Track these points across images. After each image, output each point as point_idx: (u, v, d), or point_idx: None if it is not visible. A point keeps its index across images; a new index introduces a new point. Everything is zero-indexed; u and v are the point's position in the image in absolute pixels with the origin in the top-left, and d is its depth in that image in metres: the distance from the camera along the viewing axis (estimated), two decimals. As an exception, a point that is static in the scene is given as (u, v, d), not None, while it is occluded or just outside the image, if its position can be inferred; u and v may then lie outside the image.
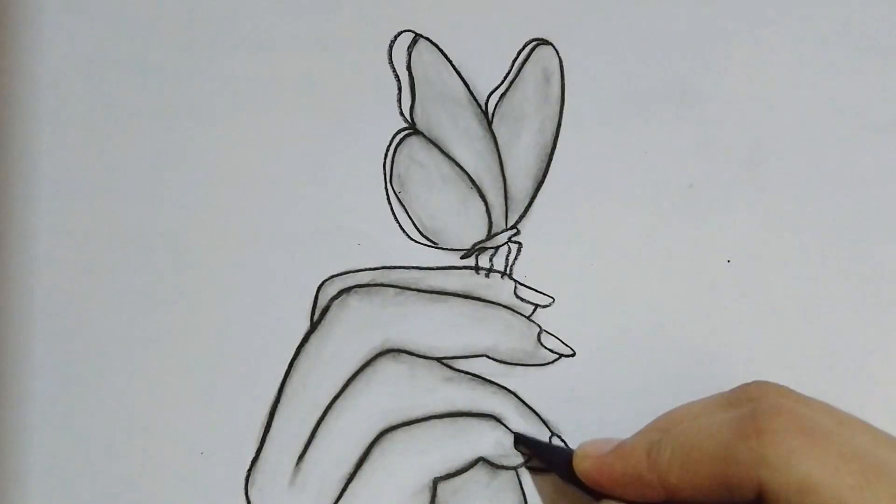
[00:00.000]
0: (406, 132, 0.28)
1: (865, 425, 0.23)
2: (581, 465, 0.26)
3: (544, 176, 0.29)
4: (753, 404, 0.23)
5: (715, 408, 0.24)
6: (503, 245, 0.29)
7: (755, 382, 0.24)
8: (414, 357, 0.28)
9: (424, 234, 0.28)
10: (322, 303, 0.28)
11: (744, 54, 0.29)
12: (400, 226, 0.28)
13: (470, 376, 0.28)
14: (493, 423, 0.28)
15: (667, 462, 0.23)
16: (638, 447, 0.24)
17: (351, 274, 0.28)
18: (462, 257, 0.28)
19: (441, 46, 0.28)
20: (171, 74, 0.28)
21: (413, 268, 0.28)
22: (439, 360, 0.28)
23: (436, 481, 0.28)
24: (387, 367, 0.28)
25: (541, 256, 0.29)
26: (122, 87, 0.28)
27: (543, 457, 0.28)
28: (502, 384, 0.28)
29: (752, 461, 0.22)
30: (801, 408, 0.22)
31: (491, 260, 0.29)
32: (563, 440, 0.28)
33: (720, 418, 0.23)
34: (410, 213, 0.28)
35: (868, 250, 0.23)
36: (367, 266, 0.28)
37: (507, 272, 0.29)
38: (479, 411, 0.28)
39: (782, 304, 0.29)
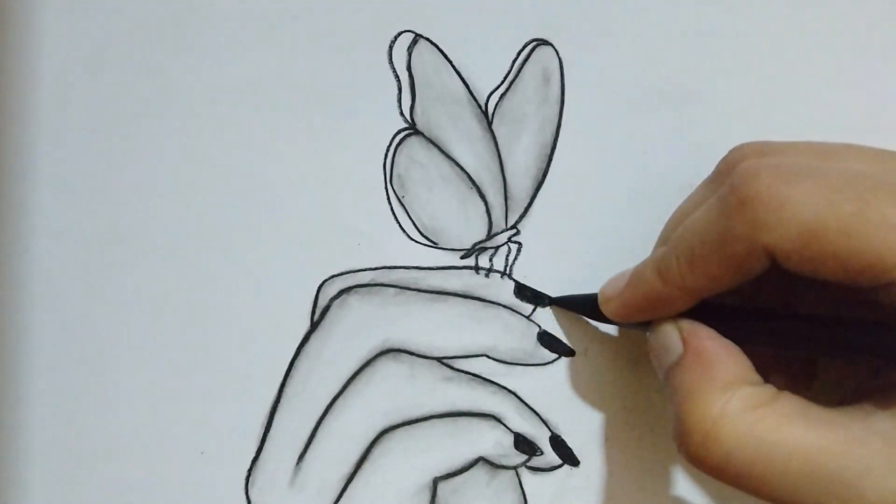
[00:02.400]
0: (406, 132, 0.28)
1: (853, 148, 0.22)
2: (607, 310, 0.25)
3: (544, 176, 0.29)
4: (731, 176, 0.22)
5: (703, 194, 0.23)
6: (503, 245, 0.29)
7: (733, 148, 0.23)
8: (414, 357, 0.28)
9: (424, 234, 0.28)
10: (322, 303, 0.28)
11: (744, 54, 0.29)
12: (400, 226, 0.28)
13: (470, 376, 0.28)
14: (493, 423, 0.28)
15: (676, 271, 0.23)
16: (647, 270, 0.24)
17: (351, 274, 0.28)
18: (462, 257, 0.28)
19: (441, 46, 0.28)
20: (171, 74, 0.28)
21: (413, 268, 0.28)
22: (439, 359, 0.28)
23: (436, 481, 0.28)
24: (387, 366, 0.28)
25: (541, 256, 0.29)
26: (122, 87, 0.28)
27: (571, 308, 0.28)
28: (502, 384, 0.28)
29: (749, 231, 0.21)
30: (779, 158, 0.22)
31: (491, 260, 0.29)
32: (563, 440, 0.28)
33: (708, 204, 0.23)
34: (410, 213, 0.28)
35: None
36: (368, 266, 0.28)
37: (507, 272, 0.29)
38: (479, 411, 0.28)
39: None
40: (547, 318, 0.28)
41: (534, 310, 0.28)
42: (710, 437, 0.21)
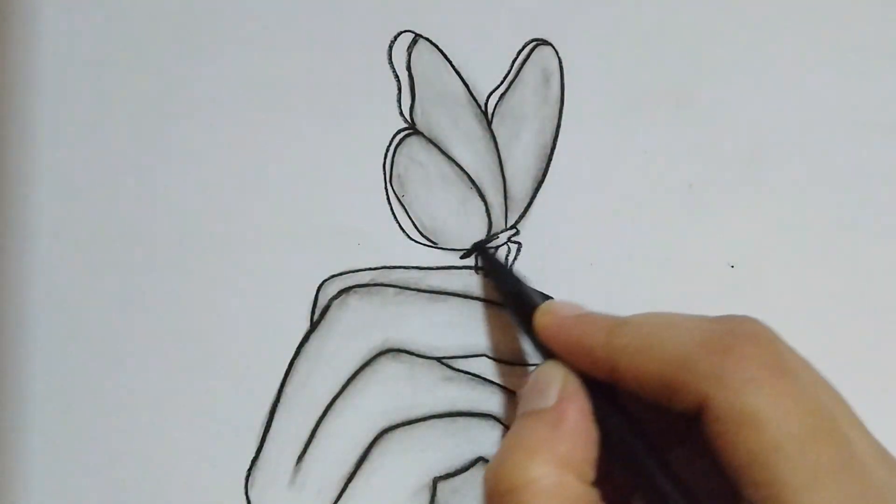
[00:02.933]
0: (406, 132, 0.28)
1: (837, 394, 0.22)
2: (542, 319, 0.25)
3: (544, 176, 0.29)
4: (733, 325, 0.22)
5: (696, 322, 0.23)
6: (503, 245, 0.29)
7: (746, 316, 0.23)
8: (414, 357, 0.28)
9: (424, 234, 0.28)
10: (322, 302, 0.28)
11: (744, 54, 0.29)
12: (400, 226, 0.28)
13: (470, 376, 0.28)
14: (493, 423, 0.28)
15: (622, 346, 0.22)
16: (602, 322, 0.23)
17: (351, 274, 0.28)
18: (462, 257, 0.28)
19: (441, 46, 0.28)
20: (170, 74, 0.28)
21: (413, 268, 0.28)
22: (439, 359, 0.28)
23: (436, 481, 0.28)
24: (387, 366, 0.28)
25: (541, 256, 0.29)
26: (122, 87, 0.28)
27: (506, 293, 0.27)
28: (502, 384, 0.28)
29: (708, 375, 0.20)
30: (778, 345, 0.21)
31: (491, 260, 0.29)
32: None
33: (694, 329, 0.22)
34: (410, 213, 0.28)
35: (869, 250, 0.23)
36: (367, 266, 0.28)
37: (507, 272, 0.29)
38: (479, 411, 0.28)
39: (782, 304, 0.29)
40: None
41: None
42: (514, 491, 0.21)
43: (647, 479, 0.22)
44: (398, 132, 0.28)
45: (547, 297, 0.28)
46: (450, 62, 0.28)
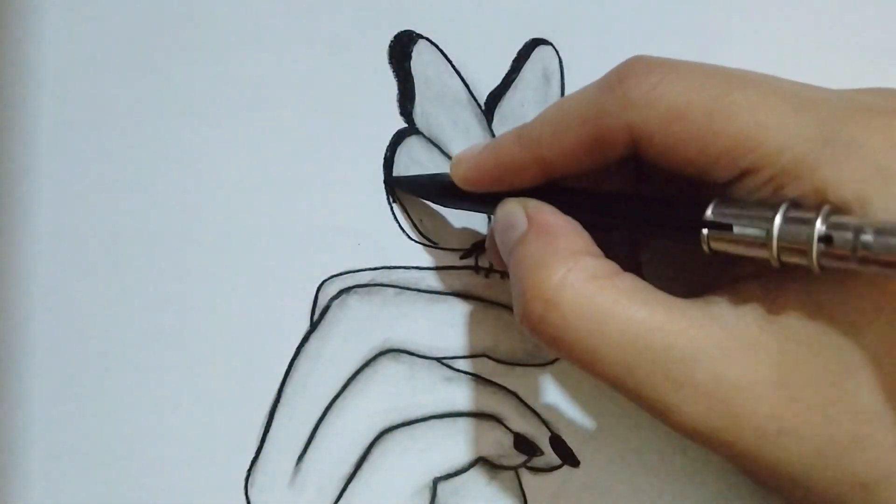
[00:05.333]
0: (405, 132, 0.28)
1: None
2: (457, 171, 0.25)
3: (544, 176, 0.29)
4: (619, 65, 0.22)
5: (587, 86, 0.23)
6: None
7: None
8: (414, 357, 0.28)
9: (424, 234, 0.28)
10: (322, 303, 0.28)
11: (743, 54, 0.29)
12: (400, 226, 0.28)
13: (470, 376, 0.28)
14: (493, 423, 0.28)
15: (537, 136, 0.23)
16: (508, 135, 0.24)
17: (351, 274, 0.28)
18: (462, 257, 0.28)
19: (441, 46, 0.28)
20: (170, 74, 0.28)
21: (413, 268, 0.28)
22: (439, 360, 0.28)
23: (436, 481, 0.28)
24: (387, 366, 0.28)
25: (541, 256, 0.29)
26: (122, 87, 0.28)
27: (418, 191, 0.28)
28: (502, 384, 0.28)
29: (619, 107, 0.21)
30: (665, 58, 0.22)
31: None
32: (563, 440, 0.28)
33: (587, 86, 0.23)
34: (410, 213, 0.28)
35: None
36: (368, 266, 0.28)
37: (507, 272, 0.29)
38: (479, 411, 0.28)
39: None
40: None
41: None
42: (550, 304, 0.21)
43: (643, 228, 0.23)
44: (398, 132, 0.28)
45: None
46: (450, 62, 0.28)
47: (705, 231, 0.20)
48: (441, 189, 0.27)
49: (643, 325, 0.20)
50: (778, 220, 0.19)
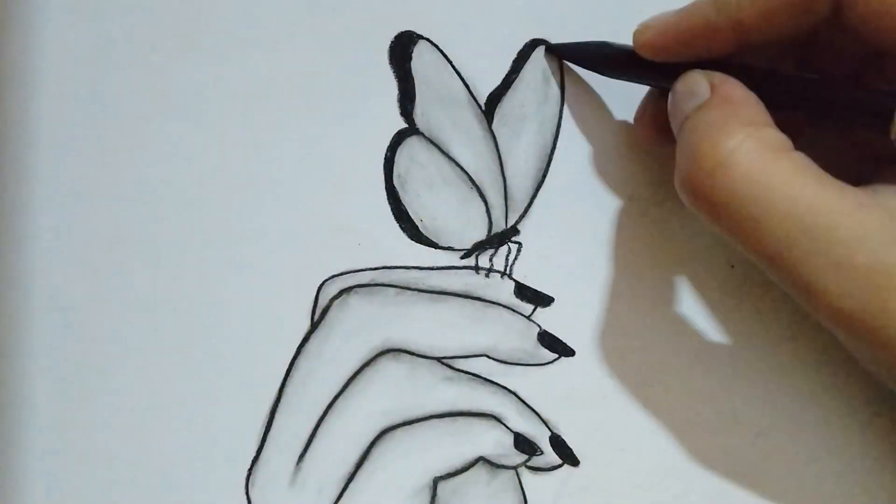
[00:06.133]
0: (406, 132, 0.28)
1: None
2: (643, 36, 0.24)
3: (544, 176, 0.29)
4: None
5: None
6: (503, 245, 0.29)
7: None
8: (414, 357, 0.28)
9: (424, 234, 0.28)
10: (322, 303, 0.28)
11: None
12: (400, 226, 0.28)
13: (470, 376, 0.28)
14: (493, 422, 0.28)
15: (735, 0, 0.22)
16: (701, 1, 0.23)
17: (351, 274, 0.28)
18: (462, 257, 0.29)
19: (441, 47, 0.28)
20: (170, 74, 0.28)
21: (413, 268, 0.28)
22: (439, 359, 0.28)
23: (436, 481, 0.28)
24: (387, 366, 0.28)
25: (541, 256, 0.29)
26: (122, 87, 0.28)
27: (586, 58, 0.27)
28: (502, 384, 0.28)
29: None
30: None
31: (491, 260, 0.29)
32: (563, 440, 0.28)
33: None
34: (410, 213, 0.28)
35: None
36: (368, 266, 0.28)
37: (507, 272, 0.29)
38: (479, 411, 0.28)
39: (782, 305, 0.29)
40: (547, 319, 0.28)
41: (534, 310, 0.28)
42: (722, 165, 0.21)
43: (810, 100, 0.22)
44: (398, 132, 0.28)
45: (544, 297, 0.28)
46: (450, 62, 0.28)
47: None
48: (613, 58, 0.26)
49: (813, 202, 0.20)
50: None
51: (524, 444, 0.28)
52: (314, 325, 0.28)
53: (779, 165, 0.21)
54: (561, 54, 0.28)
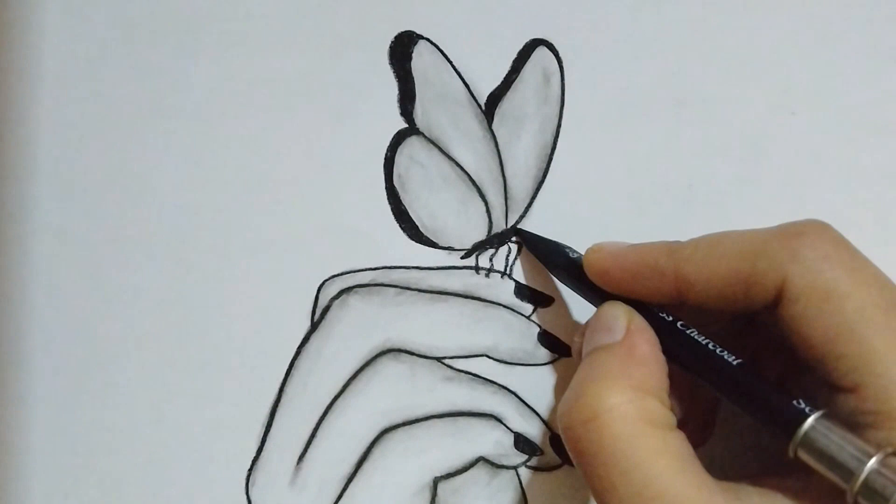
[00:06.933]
0: (406, 132, 0.28)
1: None
2: (593, 257, 0.25)
3: (544, 176, 0.29)
4: (799, 222, 0.22)
5: (756, 229, 0.23)
6: (503, 245, 0.29)
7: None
8: (414, 357, 0.28)
9: (424, 234, 0.28)
10: (323, 303, 0.28)
11: (743, 54, 0.29)
12: (400, 226, 0.28)
13: (470, 376, 0.28)
14: (493, 422, 0.28)
15: (689, 254, 0.23)
16: (658, 244, 0.24)
17: (351, 274, 0.28)
18: (463, 257, 0.29)
19: (441, 46, 0.28)
20: (170, 74, 0.28)
21: (413, 268, 0.28)
22: (439, 359, 0.28)
23: (436, 481, 0.28)
24: (387, 366, 0.28)
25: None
26: (122, 87, 0.28)
27: (542, 253, 0.28)
28: (502, 384, 0.28)
29: (784, 257, 0.21)
30: (841, 234, 0.22)
31: (491, 260, 0.29)
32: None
33: (760, 230, 0.22)
34: (411, 213, 0.28)
35: (868, 250, 0.23)
36: (368, 266, 0.28)
37: (507, 272, 0.29)
38: (479, 411, 0.28)
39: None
40: (547, 319, 0.28)
41: (534, 310, 0.28)
42: (596, 420, 0.21)
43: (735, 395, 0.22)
44: (398, 132, 0.28)
45: (544, 297, 0.28)
46: (450, 62, 0.28)
47: (799, 434, 0.20)
48: (563, 263, 0.27)
49: (667, 489, 0.20)
50: (871, 465, 0.19)
51: (524, 444, 0.28)
52: (314, 325, 0.28)
53: (647, 441, 0.21)
54: (524, 241, 0.28)
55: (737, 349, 0.23)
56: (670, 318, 0.24)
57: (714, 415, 0.26)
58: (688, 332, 0.23)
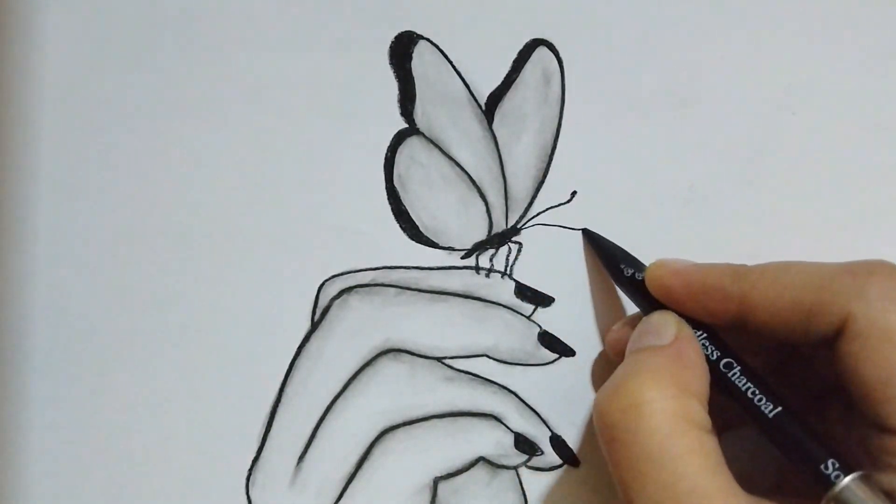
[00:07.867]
0: (406, 132, 0.28)
1: None
2: (655, 272, 0.25)
3: (544, 176, 0.29)
4: (869, 260, 0.22)
5: (825, 263, 0.23)
6: (503, 245, 0.29)
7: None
8: (414, 357, 0.28)
9: (425, 234, 0.28)
10: (323, 303, 0.28)
11: (743, 54, 0.29)
12: (400, 226, 0.28)
13: (470, 376, 0.28)
14: (493, 422, 0.28)
15: (755, 279, 0.23)
16: (723, 266, 0.24)
17: (352, 274, 0.28)
18: (463, 257, 0.29)
19: (441, 46, 0.28)
20: (170, 74, 0.28)
21: (413, 268, 0.28)
22: (440, 359, 0.28)
23: (436, 481, 0.28)
24: (387, 366, 0.28)
25: (541, 256, 0.29)
26: (122, 87, 0.28)
27: (604, 253, 0.28)
28: (502, 384, 0.28)
29: (850, 293, 0.21)
30: None
31: (491, 260, 0.29)
32: (563, 440, 0.28)
33: (828, 264, 0.22)
34: (411, 213, 0.28)
35: (868, 251, 0.23)
36: (368, 266, 0.28)
37: (508, 272, 0.29)
38: (479, 411, 0.28)
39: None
40: (547, 319, 0.28)
41: (534, 310, 0.28)
42: (635, 408, 0.21)
43: (762, 425, 0.22)
44: (398, 132, 0.28)
45: (544, 297, 0.28)
46: (450, 62, 0.28)
47: (833, 492, 0.21)
48: (623, 268, 0.27)
49: (694, 488, 0.20)
50: None
51: (524, 444, 0.28)
52: (314, 325, 0.28)
53: (682, 439, 0.21)
54: (589, 239, 0.28)
55: (787, 376, 0.23)
56: (714, 357, 0.24)
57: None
58: (730, 374, 0.24)
